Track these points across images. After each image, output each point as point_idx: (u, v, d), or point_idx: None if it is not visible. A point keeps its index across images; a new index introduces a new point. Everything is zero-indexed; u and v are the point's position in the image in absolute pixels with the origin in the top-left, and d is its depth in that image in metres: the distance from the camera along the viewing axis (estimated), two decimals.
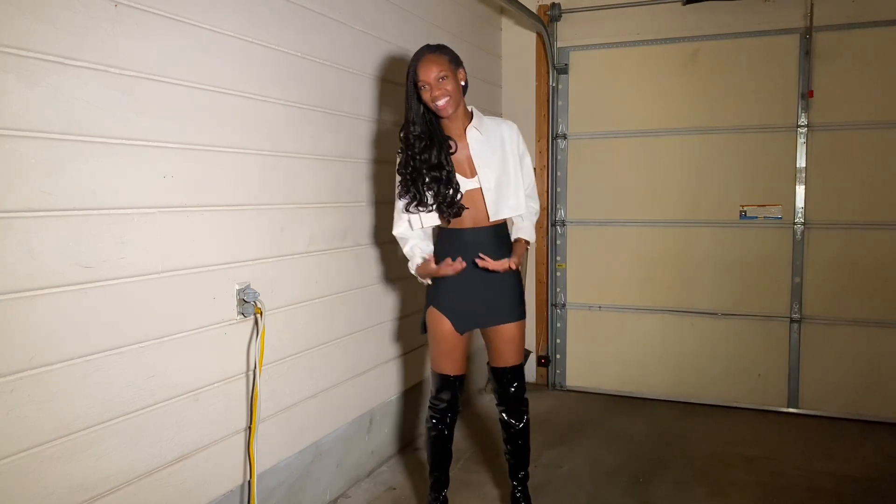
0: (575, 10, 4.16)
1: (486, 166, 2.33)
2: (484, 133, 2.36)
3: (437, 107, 2.25)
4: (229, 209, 2.22)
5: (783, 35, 3.77)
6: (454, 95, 2.25)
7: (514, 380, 2.49)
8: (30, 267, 1.61)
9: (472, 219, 2.35)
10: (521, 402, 2.52)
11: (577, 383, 4.35)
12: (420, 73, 2.23)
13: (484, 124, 2.38)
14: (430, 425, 2.49)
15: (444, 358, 2.41)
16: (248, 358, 2.30)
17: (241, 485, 2.30)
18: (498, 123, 2.43)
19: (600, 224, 4.22)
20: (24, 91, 1.58)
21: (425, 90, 2.24)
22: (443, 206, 2.30)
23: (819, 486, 2.94)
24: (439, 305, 2.38)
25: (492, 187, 2.33)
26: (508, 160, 2.38)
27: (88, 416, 1.76)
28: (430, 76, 2.22)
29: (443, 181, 2.28)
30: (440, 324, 2.38)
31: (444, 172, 2.28)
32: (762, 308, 3.91)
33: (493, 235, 2.37)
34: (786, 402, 3.89)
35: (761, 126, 3.85)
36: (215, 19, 2.12)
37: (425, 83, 2.23)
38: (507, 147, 2.38)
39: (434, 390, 2.47)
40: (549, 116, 4.26)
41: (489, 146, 2.36)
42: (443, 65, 2.24)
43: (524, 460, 2.60)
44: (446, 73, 2.23)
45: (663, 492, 2.90)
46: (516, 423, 2.53)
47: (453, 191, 2.29)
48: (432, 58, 2.25)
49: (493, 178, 2.34)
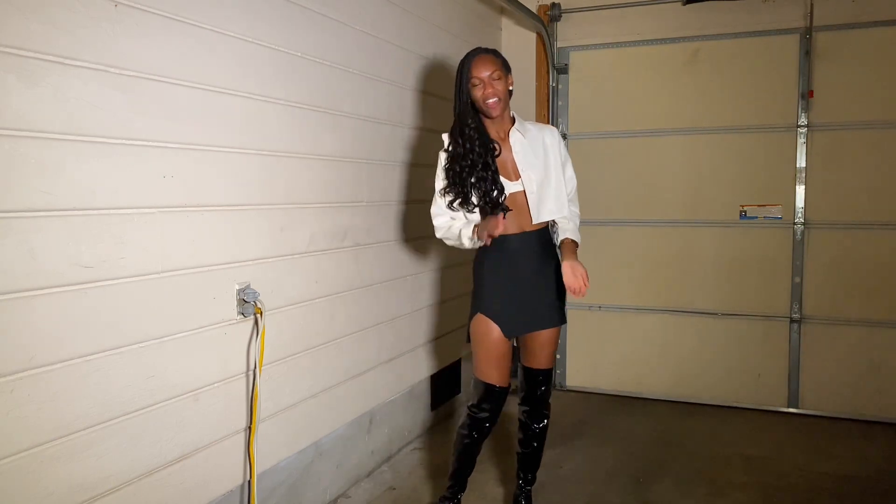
0: (575, 10, 4.16)
1: (529, 168, 2.36)
2: (527, 137, 2.39)
3: (487, 105, 2.28)
4: (229, 209, 2.22)
5: (783, 35, 3.77)
6: (504, 97, 2.30)
7: (543, 382, 2.50)
8: (30, 267, 1.61)
9: (516, 224, 2.35)
10: (545, 404, 2.54)
11: (577, 383, 4.35)
12: (474, 70, 2.26)
13: (527, 128, 2.42)
14: (466, 433, 2.45)
15: (492, 367, 2.38)
16: (248, 358, 2.30)
17: (241, 485, 2.30)
18: (540, 129, 2.46)
19: (600, 224, 4.22)
20: (24, 91, 1.58)
21: (477, 87, 2.27)
22: (487, 207, 2.31)
23: (819, 486, 2.95)
24: (487, 312, 2.37)
25: (535, 189, 2.36)
26: (550, 164, 2.40)
27: (88, 416, 1.76)
28: (485, 74, 2.25)
29: (488, 181, 2.30)
30: (490, 331, 2.36)
31: (490, 172, 2.30)
32: (762, 308, 3.91)
33: (538, 241, 2.39)
34: (786, 402, 3.89)
35: (761, 126, 3.85)
36: (215, 19, 2.12)
37: (479, 80, 2.26)
38: (550, 152, 2.42)
39: (476, 399, 2.42)
40: (549, 116, 4.26)
41: (532, 150, 2.39)
42: (497, 65, 2.28)
43: (536, 463, 2.61)
44: (499, 74, 2.28)
45: (663, 492, 2.91)
46: (537, 425, 2.54)
47: (498, 191, 2.31)
48: (488, 57, 2.29)
49: (535, 180, 2.36)
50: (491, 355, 2.38)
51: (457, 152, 2.32)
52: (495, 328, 2.36)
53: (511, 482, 2.86)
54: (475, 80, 2.27)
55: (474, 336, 2.42)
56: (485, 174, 2.31)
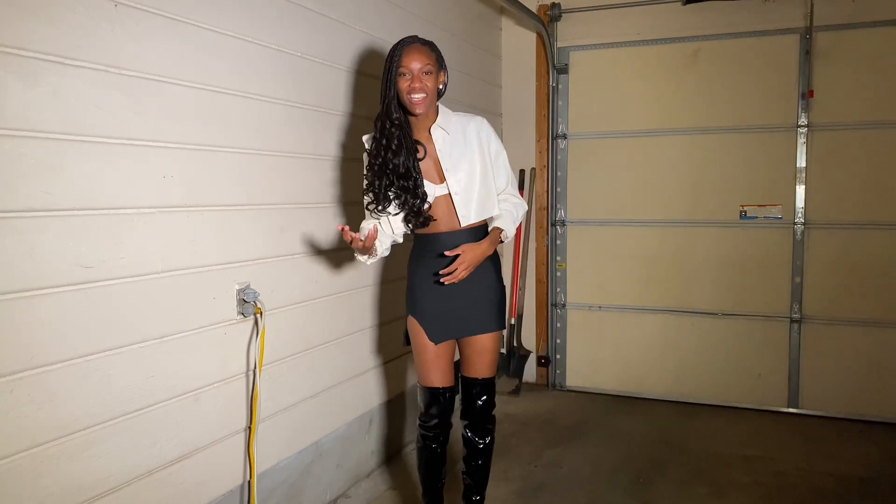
0: (575, 10, 4.16)
1: (453, 169, 2.19)
2: (451, 132, 2.21)
3: (411, 100, 2.10)
4: (229, 209, 2.22)
5: (783, 35, 3.77)
6: (431, 95, 2.13)
7: (483, 393, 2.32)
8: (30, 267, 1.61)
9: (446, 223, 2.21)
10: (487, 418, 2.34)
11: (577, 383, 4.35)
12: (404, 60, 2.09)
13: (450, 122, 2.23)
14: (421, 445, 2.35)
15: (430, 369, 2.28)
16: (248, 358, 2.30)
17: (241, 485, 2.30)
18: (466, 120, 2.25)
19: (600, 224, 4.22)
20: (24, 91, 1.58)
21: (404, 78, 2.09)
22: (409, 216, 2.18)
23: (819, 486, 2.94)
24: (416, 314, 2.28)
25: (461, 191, 2.19)
26: (477, 161, 2.21)
27: (88, 416, 1.76)
28: (415, 66, 2.08)
29: (410, 191, 2.15)
30: (421, 334, 2.26)
31: (412, 181, 2.15)
32: (762, 308, 3.91)
33: (469, 239, 2.20)
34: (786, 402, 3.89)
35: (761, 126, 3.85)
36: (215, 19, 2.12)
37: (407, 71, 2.09)
38: (477, 146, 2.22)
39: (422, 406, 2.32)
40: (549, 116, 4.26)
41: (456, 147, 2.20)
42: (430, 59, 2.12)
43: (481, 483, 2.40)
44: (430, 69, 2.11)
45: (663, 492, 2.90)
46: (479, 441, 2.34)
47: (420, 201, 2.16)
48: (421, 48, 2.12)
49: (462, 181, 2.19)
50: (428, 358, 2.27)
51: (378, 151, 2.15)
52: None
53: (499, 485, 2.86)
54: (403, 71, 2.08)
55: (411, 339, 2.32)
56: (405, 184, 2.14)
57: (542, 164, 4.30)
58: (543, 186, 4.31)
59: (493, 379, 2.36)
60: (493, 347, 2.32)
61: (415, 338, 2.30)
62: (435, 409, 2.30)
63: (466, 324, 2.27)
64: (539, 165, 4.31)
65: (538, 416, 3.86)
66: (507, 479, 3.01)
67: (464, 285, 2.21)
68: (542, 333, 4.40)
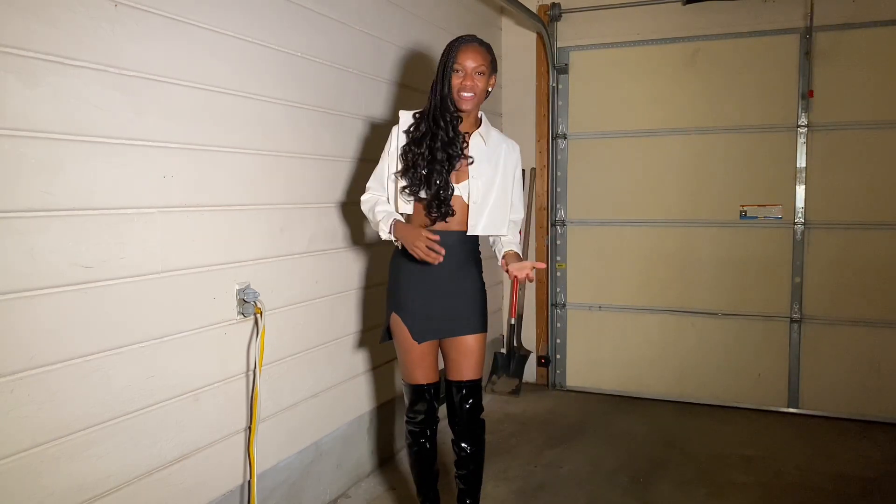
0: (575, 10, 4.16)
1: (479, 176, 2.23)
2: (488, 144, 2.26)
3: (461, 97, 2.15)
4: (229, 209, 2.22)
5: (783, 35, 3.77)
6: (479, 95, 2.18)
7: (469, 396, 2.30)
8: (30, 267, 1.61)
9: (443, 223, 2.23)
10: (475, 422, 2.32)
11: (577, 383, 4.35)
12: (460, 57, 2.14)
13: (490, 135, 2.29)
14: (410, 442, 2.36)
15: (414, 367, 2.28)
16: (248, 358, 2.30)
17: (241, 485, 2.30)
18: (503, 140, 2.33)
19: (600, 224, 4.22)
20: (24, 91, 1.58)
21: (458, 75, 2.15)
22: (433, 204, 2.18)
23: (819, 486, 2.94)
24: (400, 312, 2.27)
25: (479, 200, 2.22)
26: (497, 180, 2.26)
27: (88, 416, 1.76)
28: (470, 64, 2.14)
29: (444, 177, 2.17)
30: (405, 331, 2.26)
31: (446, 169, 2.17)
32: (762, 308, 3.91)
33: (461, 243, 2.24)
34: (786, 402, 3.89)
35: (761, 126, 3.85)
36: (215, 19, 2.12)
37: (462, 68, 2.14)
38: (505, 166, 2.28)
39: (408, 403, 2.33)
40: (549, 116, 4.26)
41: (487, 159, 2.25)
42: (485, 60, 2.17)
43: (475, 488, 2.37)
44: (484, 70, 2.17)
45: (663, 492, 2.90)
46: (468, 447, 2.32)
47: (451, 191, 2.19)
48: (478, 48, 2.17)
49: (481, 191, 2.22)
50: (412, 356, 2.27)
51: (424, 141, 2.17)
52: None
53: (499, 485, 2.86)
54: (458, 67, 2.14)
55: (394, 336, 2.32)
56: (441, 168, 2.16)
57: (542, 164, 4.30)
58: (543, 186, 4.31)
59: (479, 381, 2.35)
60: (478, 348, 2.31)
61: (398, 336, 2.30)
62: (421, 406, 2.32)
63: (451, 324, 2.28)
64: (539, 165, 4.31)
65: (538, 416, 3.86)
66: (507, 479, 3.01)
67: (448, 286, 2.25)
68: (542, 333, 4.40)
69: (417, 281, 2.25)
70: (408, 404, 2.35)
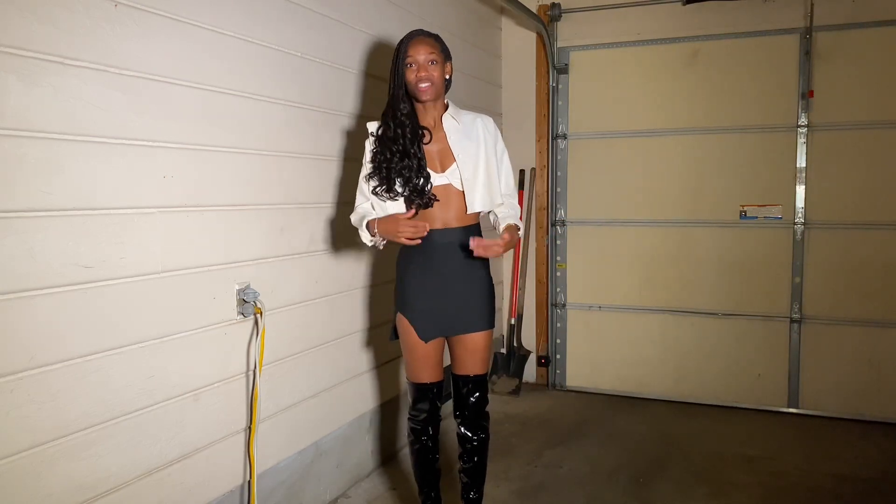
0: (575, 10, 4.16)
1: (464, 154, 2.25)
2: (461, 122, 2.29)
3: (418, 88, 2.19)
4: (229, 209, 2.22)
5: (783, 35, 3.77)
6: (437, 83, 2.21)
7: (475, 390, 2.34)
8: (30, 267, 1.61)
9: (441, 220, 2.24)
10: (480, 414, 2.36)
11: (577, 383, 4.35)
12: (410, 50, 2.18)
13: (461, 114, 2.32)
14: (412, 440, 2.38)
15: (419, 366, 2.31)
16: (248, 358, 2.30)
17: (241, 485, 2.30)
18: (474, 117, 2.33)
19: (600, 224, 4.22)
20: (24, 91, 1.58)
21: (411, 69, 2.19)
22: (413, 195, 2.20)
23: (819, 486, 2.94)
24: (406, 311, 2.29)
25: (469, 177, 2.24)
26: (482, 153, 2.27)
27: (88, 416, 1.76)
28: (420, 56, 2.18)
29: (413, 169, 2.20)
30: (411, 331, 2.29)
31: (416, 160, 2.20)
32: (762, 308, 3.91)
33: (463, 238, 2.23)
34: (786, 402, 3.89)
35: (761, 126, 3.85)
36: (215, 19, 2.12)
37: (414, 61, 2.18)
38: (483, 141, 2.29)
39: (411, 401, 2.36)
40: (549, 116, 4.26)
41: (466, 135, 2.27)
42: (434, 49, 2.20)
43: (479, 480, 2.40)
44: (436, 59, 2.20)
45: (663, 492, 2.90)
46: (473, 438, 2.36)
47: (424, 179, 2.20)
48: (426, 40, 2.21)
49: (470, 166, 2.24)
50: (417, 355, 2.30)
51: (386, 136, 2.22)
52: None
53: (499, 485, 2.86)
54: (410, 61, 2.18)
55: (401, 337, 2.34)
56: (409, 162, 2.19)
57: (542, 164, 4.30)
58: (543, 186, 4.31)
59: (485, 376, 2.38)
60: (485, 345, 2.34)
61: (404, 335, 2.32)
62: (424, 405, 2.35)
63: (458, 322, 2.29)
64: (539, 165, 4.31)
65: (538, 416, 3.87)
66: (507, 479, 3.01)
67: (456, 284, 2.26)
68: (542, 333, 4.40)
69: (424, 280, 2.27)
70: (411, 402, 2.38)
